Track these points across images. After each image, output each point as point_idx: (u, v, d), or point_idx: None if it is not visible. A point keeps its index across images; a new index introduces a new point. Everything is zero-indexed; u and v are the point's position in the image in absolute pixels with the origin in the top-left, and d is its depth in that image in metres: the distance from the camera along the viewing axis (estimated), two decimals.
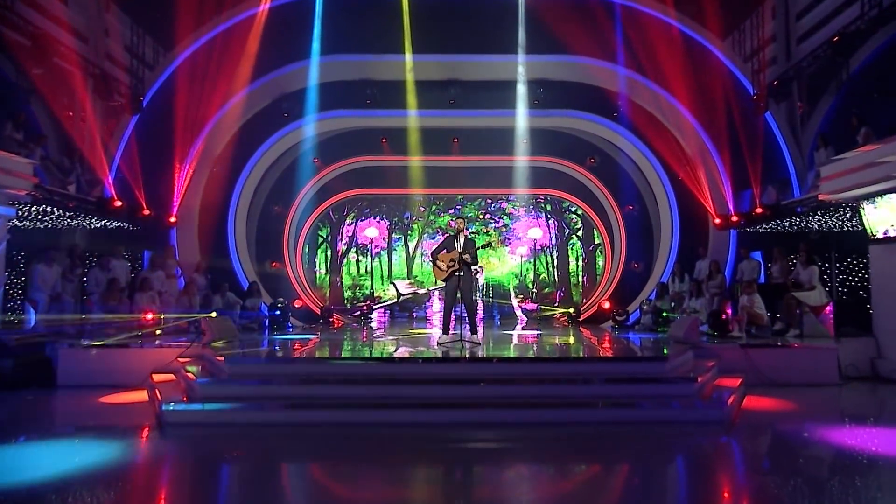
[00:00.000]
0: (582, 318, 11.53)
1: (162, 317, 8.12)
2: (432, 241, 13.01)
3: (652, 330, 9.49)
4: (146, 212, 9.18)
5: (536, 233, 13.17)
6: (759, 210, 8.77)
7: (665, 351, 6.26)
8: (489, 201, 13.27)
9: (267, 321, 9.92)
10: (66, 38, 8.35)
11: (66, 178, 8.27)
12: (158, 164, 9.73)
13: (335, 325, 11.02)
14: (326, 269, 13.14)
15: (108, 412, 5.28)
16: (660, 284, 10.35)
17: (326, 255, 13.17)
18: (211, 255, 10.46)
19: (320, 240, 13.22)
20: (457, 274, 6.48)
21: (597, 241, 13.00)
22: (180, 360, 6.19)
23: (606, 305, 11.23)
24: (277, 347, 6.97)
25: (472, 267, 6.52)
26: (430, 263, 6.89)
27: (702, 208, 10.35)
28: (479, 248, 6.58)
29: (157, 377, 5.87)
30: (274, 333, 8.99)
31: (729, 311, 8.28)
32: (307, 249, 12.98)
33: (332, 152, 12.01)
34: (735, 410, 5.06)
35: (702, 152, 10.22)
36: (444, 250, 6.67)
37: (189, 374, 5.42)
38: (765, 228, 9.30)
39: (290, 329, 9.93)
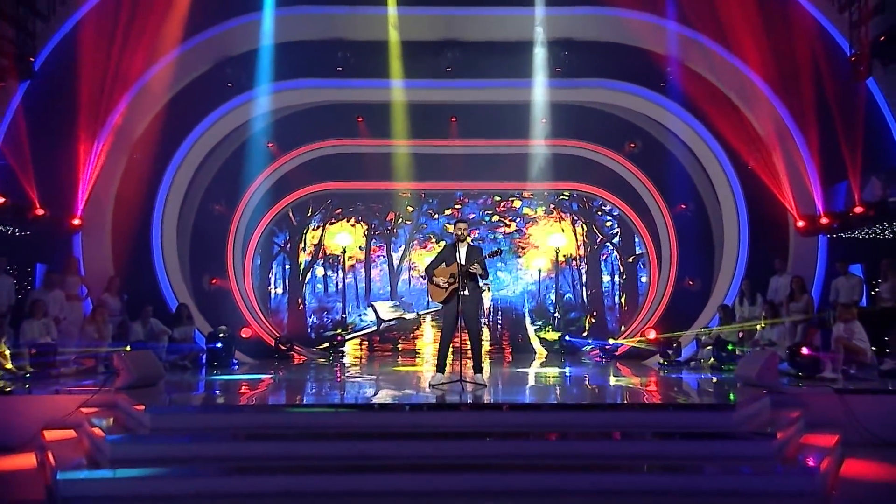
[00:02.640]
0: (619, 353, 11.55)
1: (59, 352, 8.05)
2: (424, 250, 13.12)
3: (713, 369, 9.50)
4: (39, 211, 9.02)
5: (559, 240, 13.23)
6: (858, 209, 8.73)
7: (732, 397, 6.29)
8: (497, 199, 13.34)
9: (204, 357, 9.95)
10: None
11: None
12: (57, 147, 9.56)
13: (295, 362, 11.11)
14: (284, 288, 13.12)
15: None
16: (723, 308, 10.32)
17: (284, 270, 13.17)
18: (128, 269, 10.44)
19: (277, 249, 13.23)
20: (459, 293, 6.56)
21: (638, 251, 13.03)
22: (84, 410, 6.14)
23: (652, 336, 11.25)
24: (217, 391, 7.05)
25: (481, 282, 6.65)
26: (426, 281, 7.00)
27: (779, 207, 10.39)
28: (487, 257, 6.68)
29: (50, 434, 5.82)
30: (213, 373, 9.02)
31: (818, 345, 8.38)
32: (259, 262, 12.98)
33: (291, 135, 12.05)
34: (830, 479, 5.05)
35: (780, 133, 10.24)
36: (443, 263, 6.78)
37: (95, 430, 5.39)
38: (867, 234, 9.26)
39: (236, 367, 9.94)
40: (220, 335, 10.05)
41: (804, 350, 7.98)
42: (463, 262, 6.66)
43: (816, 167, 9.82)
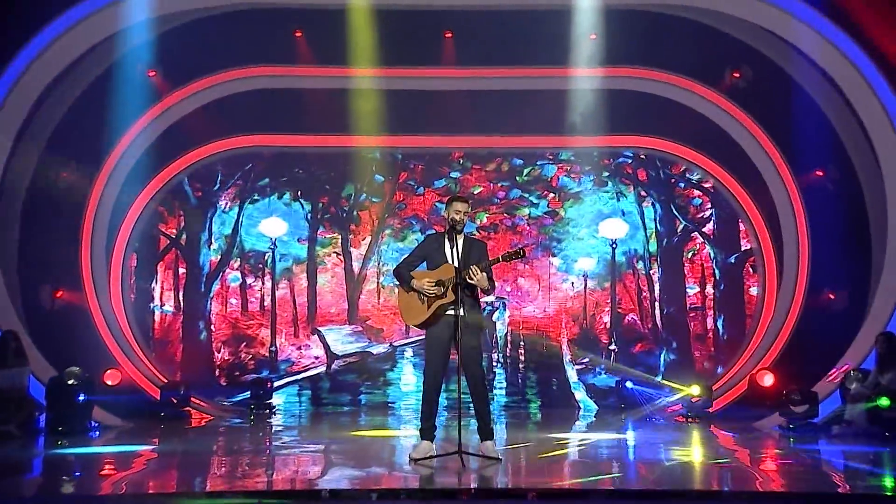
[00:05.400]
0: (715, 409, 11.36)
1: None
2: (402, 244, 12.94)
3: (871, 436, 9.28)
4: None
5: (616, 228, 12.93)
6: None
7: None
8: (517, 163, 13.18)
9: (43, 417, 9.80)
10: None
11: None
12: None
13: (195, 423, 11.00)
14: (177, 305, 12.97)
15: None
16: (887, 339, 9.86)
17: (177, 276, 12.99)
18: None
19: (165, 242, 13.04)
20: (449, 313, 6.68)
21: (745, 247, 12.74)
22: None
23: (769, 382, 11.06)
24: (63, 477, 6.94)
25: (485, 298, 7.03)
26: (396, 288, 7.36)
27: None
28: (501, 260, 6.76)
29: None
30: (58, 444, 8.86)
31: None
32: (136, 263, 12.76)
33: (188, 57, 11.80)
34: None
35: None
36: (425, 262, 6.94)
37: None
38: None
39: (96, 433, 9.77)
40: (71, 382, 9.92)
41: None
42: (458, 262, 6.70)
43: None
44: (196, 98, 12.14)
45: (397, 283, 7.10)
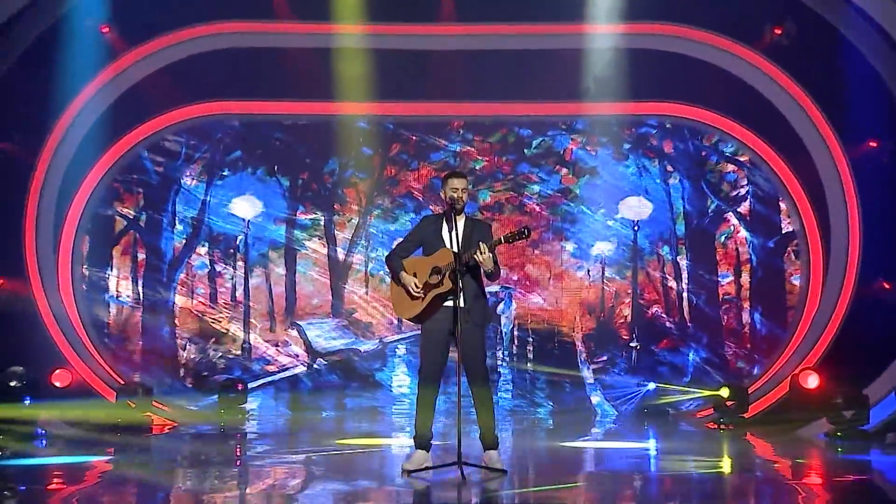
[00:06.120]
0: (751, 414, 11.33)
1: None
2: (393, 225, 12.97)
3: None
4: None
5: (638, 208, 12.94)
6: None
7: None
8: (524, 133, 13.09)
9: None
10: None
11: None
12: None
13: (156, 430, 11.00)
14: (136, 296, 12.92)
15: None
16: None
17: (136, 262, 12.92)
18: None
19: (121, 224, 12.93)
20: (448, 304, 6.71)
21: (787, 229, 12.69)
22: None
23: (813, 384, 10.91)
24: (6, 493, 6.73)
25: (489, 288, 6.95)
26: (389, 278, 7.40)
27: None
28: (504, 241, 6.67)
29: None
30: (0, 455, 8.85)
31: None
32: (88, 248, 12.71)
33: (146, 12, 11.72)
34: None
35: None
36: (422, 247, 6.99)
37: None
38: None
39: (42, 442, 9.79)
40: (13, 384, 10.22)
41: None
42: (458, 245, 6.69)
43: None
44: (156, 58, 11.96)
45: (392, 273, 7.05)
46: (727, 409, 11.15)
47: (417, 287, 6.72)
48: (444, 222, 6.86)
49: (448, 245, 6.71)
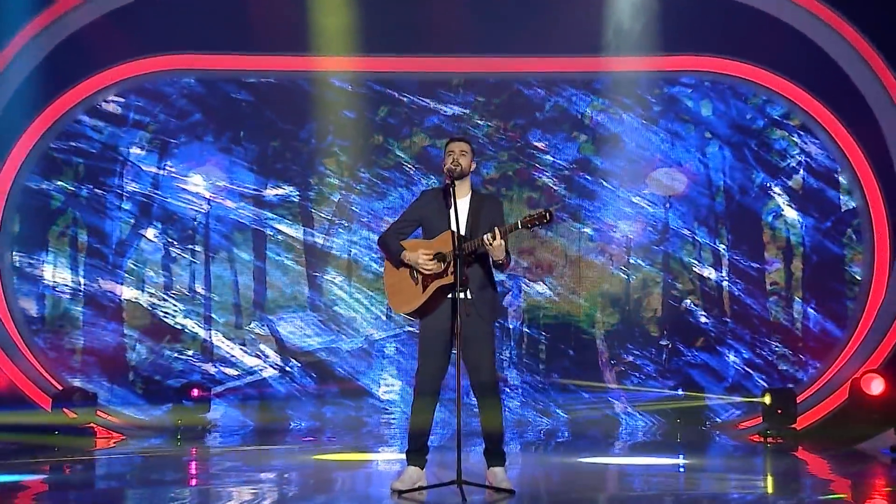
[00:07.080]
0: (802, 426, 11.22)
1: None
2: (381, 202, 12.78)
3: None
4: None
5: (671, 181, 12.65)
6: None
7: None
8: (535, 94, 12.86)
9: None
10: None
11: None
12: None
13: (99, 444, 10.98)
14: (76, 286, 12.73)
15: None
16: None
17: (76, 245, 12.71)
18: None
19: (56, 202, 12.73)
20: (455, 295, 6.62)
21: (846, 206, 12.35)
22: None
23: (877, 389, 10.83)
24: None
25: (496, 277, 7.11)
26: (376, 263, 8.45)
27: None
28: (523, 225, 6.57)
29: None
30: None
31: None
32: (19, 228, 12.52)
33: None
34: None
35: None
36: (419, 226, 7.07)
37: None
38: None
39: None
40: None
41: None
42: (464, 228, 6.70)
43: None
44: (98, 3, 11.69)
45: (383, 255, 6.96)
46: (775, 419, 11.03)
47: (428, 259, 6.54)
48: (448, 197, 6.72)
49: (451, 226, 6.58)
